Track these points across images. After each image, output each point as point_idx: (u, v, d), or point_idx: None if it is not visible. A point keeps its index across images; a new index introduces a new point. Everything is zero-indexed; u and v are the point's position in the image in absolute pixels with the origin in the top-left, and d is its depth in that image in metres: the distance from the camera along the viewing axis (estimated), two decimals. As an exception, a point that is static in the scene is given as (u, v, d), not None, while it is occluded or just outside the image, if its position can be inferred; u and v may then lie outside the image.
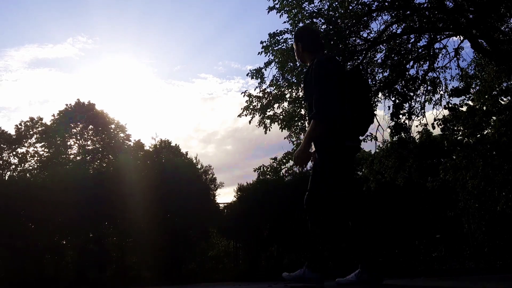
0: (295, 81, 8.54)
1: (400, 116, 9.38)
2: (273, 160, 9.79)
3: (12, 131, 18.04)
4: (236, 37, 44.03)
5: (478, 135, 10.67)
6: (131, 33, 39.39)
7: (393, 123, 9.33)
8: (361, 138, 3.28)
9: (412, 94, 9.56)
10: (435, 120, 9.73)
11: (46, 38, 37.75)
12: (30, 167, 17.46)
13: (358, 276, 3.03)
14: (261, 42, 8.34)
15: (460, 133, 11.18)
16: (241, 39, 44.63)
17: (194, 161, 17.30)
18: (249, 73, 8.75)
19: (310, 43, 3.23)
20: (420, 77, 9.59)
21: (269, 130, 8.98)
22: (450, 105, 9.56)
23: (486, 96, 10.59)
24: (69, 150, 18.15)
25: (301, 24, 8.09)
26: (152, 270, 12.75)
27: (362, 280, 3.01)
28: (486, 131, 10.73)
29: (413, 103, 9.65)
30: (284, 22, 8.38)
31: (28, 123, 18.14)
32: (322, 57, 3.12)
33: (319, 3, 8.35)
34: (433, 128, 9.88)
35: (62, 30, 35.14)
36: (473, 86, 10.65)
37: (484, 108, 10.54)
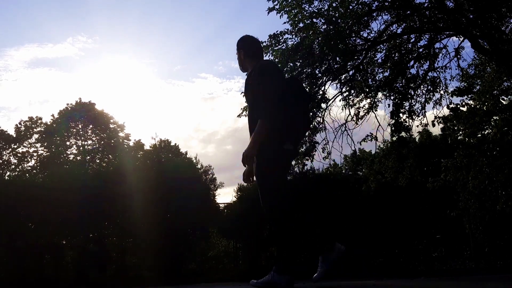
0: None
1: (401, 114, 9.38)
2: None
3: (12, 131, 18.05)
4: (237, 36, 43.73)
5: (479, 135, 10.66)
6: (131, 33, 39.37)
7: (393, 121, 9.33)
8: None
9: (412, 92, 9.57)
10: (435, 117, 9.71)
11: (46, 38, 37.75)
12: (30, 167, 17.47)
13: (323, 267, 3.07)
14: (261, 42, 8.34)
15: (461, 132, 11.18)
16: (241, 39, 44.53)
17: (194, 161, 17.29)
18: (249, 73, 8.73)
19: (251, 50, 3.33)
20: (420, 76, 9.59)
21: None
22: (452, 105, 9.55)
23: (488, 96, 10.58)
24: (69, 150, 18.14)
25: (301, 25, 8.09)
26: (152, 270, 12.74)
27: (331, 262, 3.04)
28: (487, 131, 10.72)
29: (413, 102, 9.65)
30: (284, 22, 8.38)
31: (28, 123, 18.13)
32: (263, 63, 3.22)
33: (319, 3, 8.35)
34: (433, 125, 9.88)
35: (62, 30, 35.13)
36: (474, 86, 10.65)
37: (485, 108, 10.54)
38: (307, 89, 3.39)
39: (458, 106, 9.58)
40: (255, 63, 3.22)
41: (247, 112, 3.18)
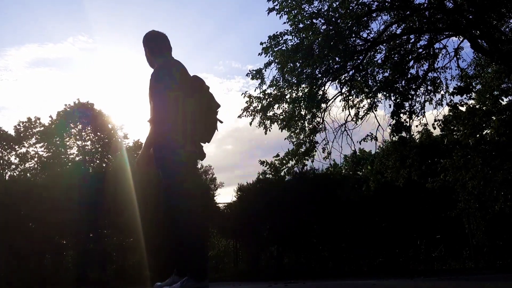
0: (295, 81, 8.57)
1: (401, 115, 9.39)
2: (275, 158, 9.83)
3: (12, 131, 18.07)
4: (237, 36, 43.99)
5: (478, 135, 10.68)
6: (131, 33, 39.39)
7: (394, 121, 9.34)
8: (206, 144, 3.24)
9: (413, 93, 9.59)
10: (435, 121, 9.75)
11: (46, 38, 37.78)
12: (30, 167, 17.48)
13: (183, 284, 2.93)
14: (261, 43, 8.37)
15: (460, 133, 11.19)
16: (241, 38, 44.62)
17: (194, 161, 17.31)
18: (249, 73, 8.76)
19: (157, 46, 3.20)
20: (420, 76, 9.61)
21: (269, 130, 9.01)
22: (452, 103, 9.56)
23: (488, 96, 10.59)
24: (68, 150, 18.15)
25: (301, 25, 8.12)
26: (152, 270, 12.75)
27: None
28: (486, 132, 10.74)
29: (413, 103, 9.68)
30: (284, 23, 8.41)
31: (27, 124, 18.14)
32: (167, 61, 3.11)
33: (319, 3, 8.38)
34: (434, 128, 9.92)
35: (63, 30, 35.16)
36: (473, 85, 10.66)
37: (484, 108, 10.55)
38: (209, 89, 3.25)
39: (457, 104, 9.59)
40: (160, 61, 3.11)
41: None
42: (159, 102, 2.88)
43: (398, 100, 9.23)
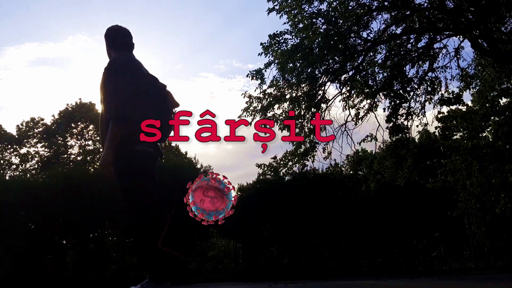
0: (295, 81, 8.57)
1: (398, 117, 9.39)
2: (273, 160, 9.82)
3: (12, 130, 18.11)
4: (238, 35, 43.91)
5: (480, 136, 10.66)
6: (131, 32, 39.34)
7: (391, 124, 9.33)
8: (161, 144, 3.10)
9: (409, 95, 9.57)
10: (436, 128, 9.82)
11: (46, 37, 37.79)
12: (31, 167, 17.51)
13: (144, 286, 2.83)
14: (261, 44, 8.37)
15: (459, 134, 11.18)
16: (242, 37, 44.55)
17: (194, 161, 17.31)
18: (249, 74, 8.75)
19: (117, 41, 3.10)
20: (418, 77, 9.61)
21: (271, 131, 8.98)
22: (441, 114, 9.63)
23: (489, 96, 10.56)
24: (69, 150, 18.18)
25: (301, 25, 8.12)
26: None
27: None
28: (484, 134, 10.73)
29: (412, 103, 9.67)
30: (284, 23, 8.41)
31: (30, 124, 18.18)
32: (122, 56, 3.00)
33: (319, 3, 8.38)
34: (435, 136, 9.96)
35: (63, 29, 35.16)
36: (473, 86, 10.64)
37: (483, 111, 10.52)
38: (165, 88, 3.14)
39: (449, 113, 9.64)
40: (117, 56, 3.00)
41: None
42: (116, 98, 2.74)
43: (393, 103, 9.23)
